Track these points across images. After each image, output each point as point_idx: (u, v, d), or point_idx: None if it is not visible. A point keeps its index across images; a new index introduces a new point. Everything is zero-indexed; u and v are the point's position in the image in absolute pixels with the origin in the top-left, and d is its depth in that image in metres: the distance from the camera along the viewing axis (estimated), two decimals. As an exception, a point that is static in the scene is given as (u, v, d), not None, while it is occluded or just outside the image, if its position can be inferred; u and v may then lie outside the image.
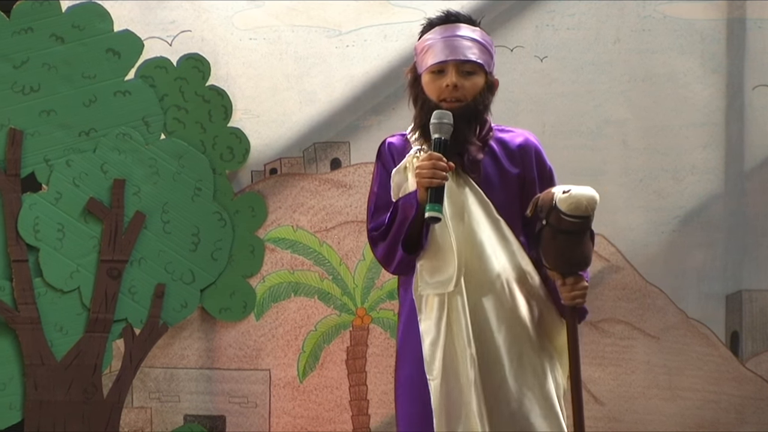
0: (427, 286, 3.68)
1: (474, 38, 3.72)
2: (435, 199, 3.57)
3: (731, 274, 5.07)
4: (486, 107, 3.74)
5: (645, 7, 5.08)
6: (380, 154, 3.85)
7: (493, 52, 3.76)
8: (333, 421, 5.17)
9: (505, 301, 3.69)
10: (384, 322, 5.18)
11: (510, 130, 3.82)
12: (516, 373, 3.67)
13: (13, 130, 5.07)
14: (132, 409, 5.20)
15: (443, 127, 3.63)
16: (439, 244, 3.66)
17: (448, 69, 3.70)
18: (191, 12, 5.21)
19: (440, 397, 3.64)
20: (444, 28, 3.73)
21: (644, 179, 5.09)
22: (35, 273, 5.09)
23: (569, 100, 5.10)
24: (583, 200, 3.57)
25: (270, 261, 5.21)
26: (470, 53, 3.70)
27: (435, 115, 3.64)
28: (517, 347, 3.67)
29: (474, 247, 3.68)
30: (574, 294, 3.66)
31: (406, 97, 5.10)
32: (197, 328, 5.21)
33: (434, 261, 3.66)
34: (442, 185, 3.59)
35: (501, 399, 3.65)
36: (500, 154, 3.75)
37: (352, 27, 5.18)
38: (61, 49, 5.10)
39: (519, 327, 3.69)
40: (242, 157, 5.18)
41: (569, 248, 3.62)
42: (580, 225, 3.58)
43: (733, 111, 5.06)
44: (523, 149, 3.77)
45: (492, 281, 3.69)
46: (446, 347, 3.65)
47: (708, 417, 5.04)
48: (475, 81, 3.71)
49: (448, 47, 3.70)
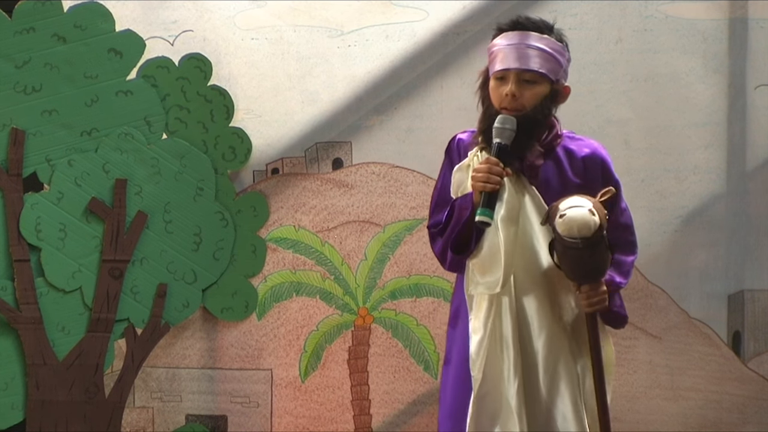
0: (477, 286, 3.71)
1: (539, 47, 3.72)
2: (487, 204, 3.61)
3: (733, 274, 5.06)
4: (546, 117, 3.75)
5: (647, 7, 5.08)
6: (449, 150, 3.90)
7: (564, 60, 3.76)
8: (335, 421, 5.17)
9: (550, 307, 3.72)
10: (386, 321, 5.18)
11: (580, 139, 3.84)
12: (551, 383, 3.68)
13: (15, 130, 5.07)
14: (134, 409, 5.20)
15: (505, 133, 3.66)
16: (490, 246, 3.68)
17: (509, 77, 3.72)
18: (193, 12, 5.21)
19: (478, 396, 3.67)
20: (511, 35, 3.75)
21: (646, 179, 5.09)
22: (37, 273, 5.09)
23: (571, 100, 5.04)
24: (574, 226, 3.59)
25: (272, 261, 5.21)
26: (532, 62, 3.71)
27: (499, 120, 3.67)
28: (554, 355, 3.70)
29: (525, 251, 3.71)
30: (590, 301, 3.68)
31: (408, 96, 5.17)
32: (199, 328, 5.21)
33: (485, 261, 3.69)
34: (495, 190, 3.61)
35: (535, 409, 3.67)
36: (565, 162, 3.77)
37: (354, 27, 5.18)
38: (63, 49, 5.10)
39: (559, 334, 3.71)
40: (244, 156, 5.18)
41: (580, 261, 3.64)
42: (581, 244, 3.59)
43: (735, 111, 5.06)
44: (589, 160, 3.79)
45: (539, 287, 3.72)
46: (490, 347, 3.68)
47: (710, 417, 5.04)
48: (536, 90, 3.72)
49: (510, 55, 3.72)
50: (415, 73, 5.15)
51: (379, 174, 5.18)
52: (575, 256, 3.63)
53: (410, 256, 5.14)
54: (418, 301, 5.17)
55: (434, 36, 5.14)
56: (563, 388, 3.69)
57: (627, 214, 3.89)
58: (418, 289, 5.17)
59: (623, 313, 3.84)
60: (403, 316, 5.17)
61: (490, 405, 3.68)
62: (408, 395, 5.16)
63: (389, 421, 5.16)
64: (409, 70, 5.15)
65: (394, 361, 5.17)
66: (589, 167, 3.79)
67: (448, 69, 5.12)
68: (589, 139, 3.87)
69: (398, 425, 5.17)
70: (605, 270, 3.71)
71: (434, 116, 5.12)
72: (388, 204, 5.18)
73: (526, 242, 3.72)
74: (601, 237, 3.63)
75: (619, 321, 3.84)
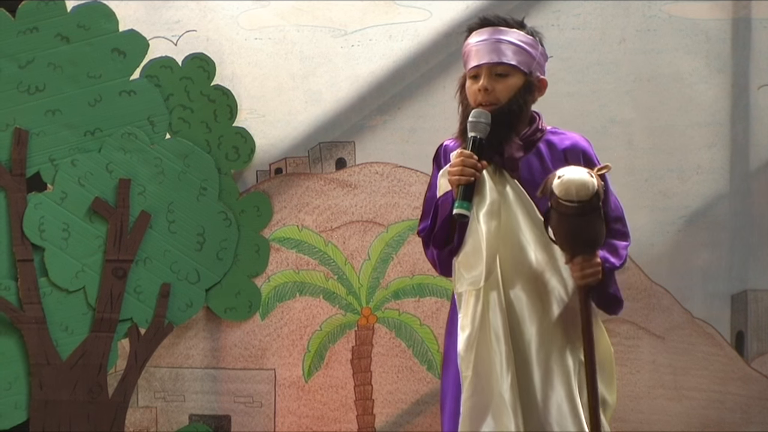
0: (463, 282, 3.71)
1: (509, 40, 3.74)
2: (463, 197, 3.62)
3: (736, 274, 5.06)
4: (521, 108, 3.75)
5: (650, 7, 5.08)
6: (436, 157, 3.93)
7: (536, 52, 3.76)
8: (338, 421, 5.17)
9: (539, 300, 3.71)
10: (389, 321, 5.18)
11: (562, 132, 3.86)
12: (545, 376, 3.68)
13: (18, 130, 5.07)
14: (137, 409, 5.21)
15: (479, 126, 3.67)
16: (472, 241, 3.68)
17: (482, 73, 3.73)
18: (196, 12, 5.21)
19: (468, 394, 3.66)
20: (481, 32, 3.78)
21: (649, 179, 5.09)
22: (40, 273, 5.09)
23: (574, 100, 5.10)
24: (572, 186, 3.58)
25: (275, 261, 5.21)
26: (503, 55, 3.72)
27: (473, 114, 3.69)
28: (547, 349, 3.69)
29: (511, 244, 3.71)
30: (584, 273, 3.66)
31: (411, 96, 5.17)
32: (202, 328, 5.22)
33: (469, 257, 3.70)
34: (471, 182, 3.62)
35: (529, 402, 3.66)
36: (547, 155, 3.78)
37: (358, 27, 5.18)
38: (66, 48, 5.10)
39: (550, 327, 3.70)
40: (247, 156, 5.18)
41: (575, 230, 3.62)
42: (578, 209, 3.58)
43: (738, 111, 5.06)
44: (570, 152, 3.80)
45: (527, 279, 3.71)
46: (479, 344, 3.67)
47: (713, 417, 5.04)
48: (509, 83, 3.73)
49: (481, 51, 3.74)
50: (419, 73, 5.15)
51: (383, 174, 5.18)
52: (571, 224, 3.60)
53: (413, 255, 5.14)
54: (422, 301, 5.17)
55: (437, 36, 5.15)
56: (556, 382, 3.68)
57: (617, 206, 3.87)
58: (422, 289, 5.17)
59: (619, 295, 3.80)
60: (407, 315, 5.17)
61: (483, 401, 3.67)
62: (411, 395, 5.16)
63: (392, 421, 5.16)
64: (412, 70, 5.15)
65: (397, 361, 5.17)
66: (570, 158, 3.79)
67: (451, 69, 5.11)
68: (572, 132, 3.89)
69: (401, 425, 5.17)
70: (599, 242, 3.68)
71: (437, 116, 5.12)
72: (392, 204, 5.18)
73: (511, 235, 3.72)
74: (598, 205, 3.61)
75: (614, 304, 3.80)
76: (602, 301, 3.80)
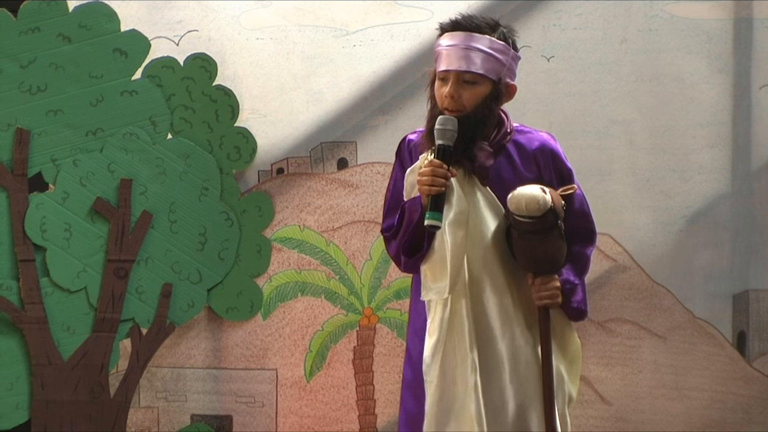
0: (429, 291, 3.69)
1: (479, 47, 3.68)
2: (434, 207, 3.59)
3: (738, 274, 5.06)
4: (487, 116, 3.70)
5: (652, 7, 5.08)
6: (399, 152, 3.87)
7: (506, 58, 3.71)
8: (340, 421, 5.17)
9: (511, 307, 3.68)
10: (391, 321, 5.18)
11: (529, 131, 3.80)
12: (517, 381, 3.66)
13: (20, 130, 5.07)
14: (139, 409, 5.21)
15: (447, 134, 3.63)
16: (438, 251, 3.66)
17: (450, 78, 3.70)
18: (198, 12, 5.21)
19: (434, 400, 3.65)
20: (451, 36, 3.72)
21: (651, 179, 5.09)
22: (42, 273, 5.09)
23: (576, 100, 5.10)
24: (522, 200, 3.58)
25: (277, 261, 5.21)
26: (471, 63, 3.68)
27: (439, 121, 3.65)
28: (519, 355, 3.67)
29: (481, 250, 3.68)
30: (540, 294, 3.66)
31: (413, 96, 5.17)
32: (204, 328, 5.22)
33: (434, 267, 3.67)
34: (441, 192, 3.59)
35: (501, 406, 3.65)
36: (516, 158, 3.74)
37: (359, 27, 5.18)
38: (68, 48, 5.10)
39: (524, 334, 3.68)
40: (249, 156, 5.18)
41: (531, 247, 3.62)
42: (531, 225, 3.58)
43: (740, 111, 5.06)
44: (539, 153, 3.76)
45: (498, 286, 3.69)
46: (446, 351, 3.66)
47: (715, 417, 5.04)
48: (476, 91, 3.69)
49: (451, 56, 3.69)
50: (420, 73, 5.14)
51: (384, 174, 5.17)
52: (527, 240, 3.60)
53: (415, 256, 5.14)
54: (423, 301, 5.17)
55: (439, 36, 5.14)
56: (529, 387, 3.67)
57: (583, 202, 3.82)
58: (423, 289, 5.16)
59: (582, 308, 3.76)
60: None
61: (447, 407, 3.66)
62: (413, 395, 5.16)
63: (394, 421, 5.16)
64: (413, 70, 5.15)
65: (399, 361, 5.17)
66: (539, 160, 3.76)
67: (452, 69, 5.11)
68: (539, 131, 3.82)
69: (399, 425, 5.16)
70: (559, 262, 3.67)
71: (439, 116, 5.11)
72: (393, 204, 5.18)
73: (482, 242, 3.69)
74: (554, 224, 3.59)
75: (577, 315, 3.79)
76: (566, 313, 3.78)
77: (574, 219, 3.73)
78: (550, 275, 3.66)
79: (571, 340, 3.77)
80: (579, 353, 3.80)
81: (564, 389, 3.74)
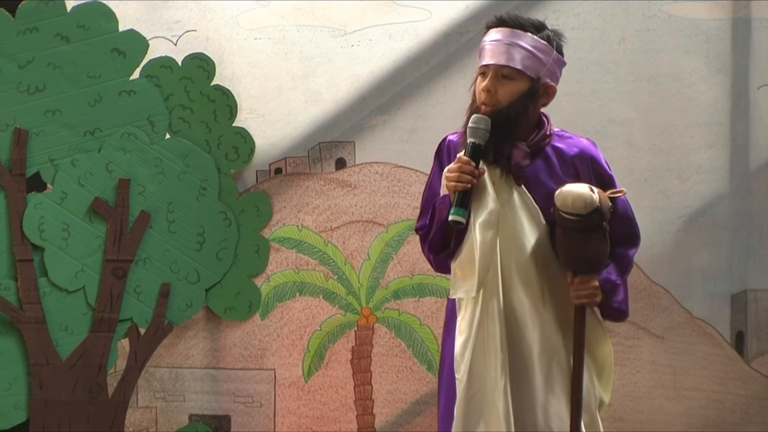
0: (458, 290, 3.69)
1: (520, 44, 3.70)
2: (459, 204, 3.60)
3: (736, 274, 5.06)
4: (520, 114, 3.70)
5: (650, 7, 5.08)
6: (438, 152, 3.89)
7: (548, 58, 3.72)
8: (338, 421, 5.17)
9: (543, 307, 3.69)
10: (389, 321, 5.18)
11: (570, 137, 3.81)
12: (546, 382, 3.67)
13: (18, 130, 5.07)
14: (137, 409, 5.21)
15: (478, 132, 3.65)
16: (468, 250, 3.67)
17: (489, 72, 3.71)
18: (196, 12, 5.22)
19: (463, 397, 3.66)
20: (495, 32, 3.74)
21: (649, 179, 5.09)
22: (40, 273, 5.09)
23: (574, 100, 5.09)
24: (569, 197, 3.59)
25: (275, 260, 5.21)
26: (510, 59, 3.69)
27: (473, 120, 3.67)
28: (548, 356, 3.68)
29: (515, 251, 3.69)
30: (578, 293, 3.67)
31: (411, 96, 5.17)
32: (202, 328, 5.22)
33: (464, 265, 3.68)
34: (467, 189, 3.60)
35: (529, 407, 3.66)
36: (555, 162, 3.75)
37: (357, 27, 5.18)
38: (66, 48, 5.10)
39: (554, 334, 3.69)
40: (247, 156, 5.18)
41: (573, 245, 3.63)
42: (577, 222, 3.59)
43: (738, 110, 5.06)
44: (578, 159, 3.77)
45: (531, 287, 3.70)
46: (476, 349, 3.66)
47: (713, 417, 5.04)
48: (513, 87, 3.70)
49: (492, 51, 3.72)
50: (419, 73, 5.15)
51: (382, 174, 5.18)
52: (569, 238, 3.61)
53: (413, 255, 5.14)
54: (421, 301, 5.17)
55: (437, 36, 5.15)
56: (558, 389, 3.68)
57: (627, 206, 3.85)
58: (421, 289, 5.17)
59: (623, 308, 3.80)
60: (407, 315, 5.17)
61: (476, 406, 3.67)
62: (411, 395, 5.16)
63: (392, 421, 5.16)
64: (412, 70, 5.15)
65: (397, 361, 5.17)
66: (579, 166, 3.77)
67: (451, 69, 5.12)
68: (579, 137, 3.85)
69: (401, 425, 5.17)
70: (600, 264, 3.69)
71: (437, 116, 5.12)
72: (391, 204, 5.18)
73: (516, 243, 3.70)
74: (599, 224, 3.61)
75: (617, 316, 3.81)
76: (605, 314, 3.80)
77: (619, 222, 3.74)
78: (590, 275, 3.66)
79: (603, 344, 3.78)
80: (610, 357, 3.80)
81: (595, 393, 3.74)
